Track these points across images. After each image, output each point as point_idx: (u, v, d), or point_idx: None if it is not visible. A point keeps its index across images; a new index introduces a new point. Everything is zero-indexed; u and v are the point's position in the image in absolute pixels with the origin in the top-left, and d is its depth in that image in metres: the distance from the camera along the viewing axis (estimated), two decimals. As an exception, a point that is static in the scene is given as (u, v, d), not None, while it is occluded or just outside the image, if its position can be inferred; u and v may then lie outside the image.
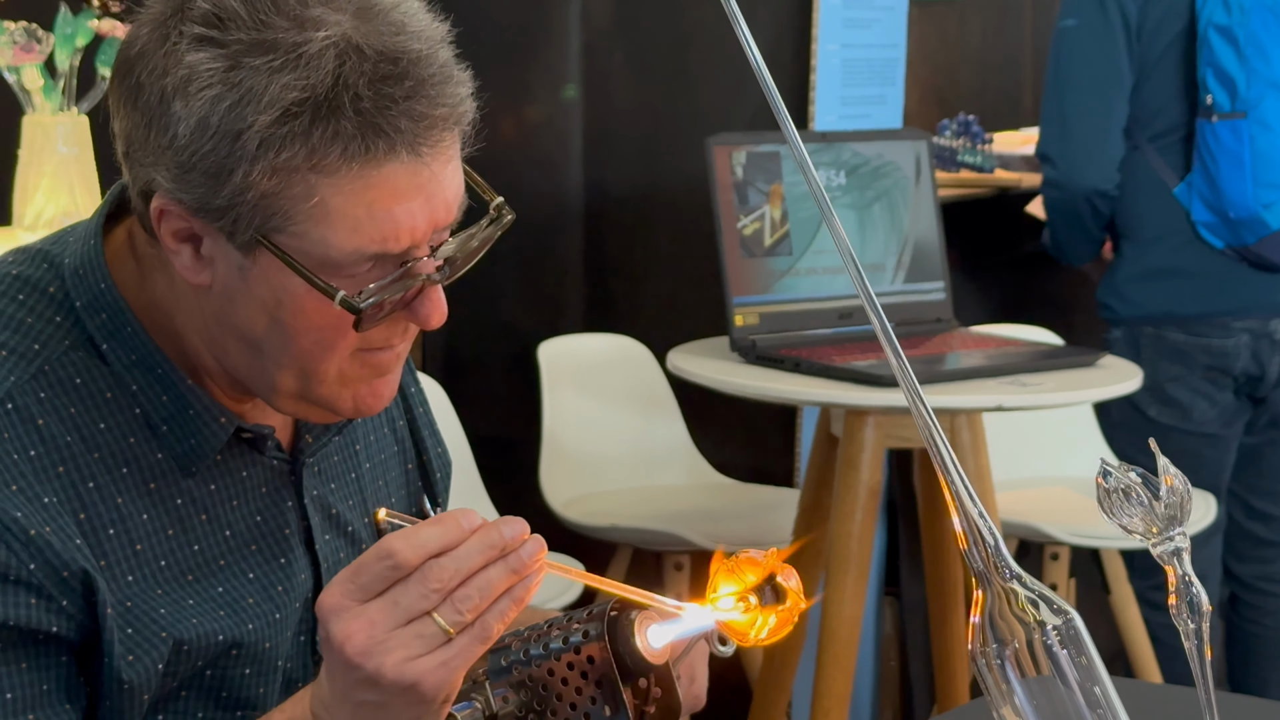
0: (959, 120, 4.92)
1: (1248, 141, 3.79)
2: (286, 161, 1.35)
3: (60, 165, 3.19)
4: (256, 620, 1.50)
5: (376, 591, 1.32)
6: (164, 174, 1.38)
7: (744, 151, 3.45)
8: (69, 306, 1.47)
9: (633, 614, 1.38)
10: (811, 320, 3.48)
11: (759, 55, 1.32)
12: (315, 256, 1.38)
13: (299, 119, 1.34)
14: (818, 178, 1.32)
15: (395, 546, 1.32)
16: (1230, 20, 3.78)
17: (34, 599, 1.39)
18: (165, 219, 1.41)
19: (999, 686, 1.21)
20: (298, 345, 1.42)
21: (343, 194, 1.36)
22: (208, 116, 1.35)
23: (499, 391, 4.15)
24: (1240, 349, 3.95)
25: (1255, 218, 3.82)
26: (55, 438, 1.43)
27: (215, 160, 1.35)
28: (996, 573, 1.21)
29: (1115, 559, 3.91)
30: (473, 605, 1.32)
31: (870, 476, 3.32)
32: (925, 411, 1.25)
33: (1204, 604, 1.26)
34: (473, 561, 1.32)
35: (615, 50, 4.16)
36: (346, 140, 1.35)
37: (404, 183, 1.37)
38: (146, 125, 1.38)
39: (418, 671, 1.31)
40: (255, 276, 1.40)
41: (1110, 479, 1.26)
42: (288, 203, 1.36)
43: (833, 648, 3.33)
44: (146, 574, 1.45)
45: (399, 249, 1.39)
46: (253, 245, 1.38)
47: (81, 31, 3.17)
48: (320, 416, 1.49)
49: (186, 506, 1.48)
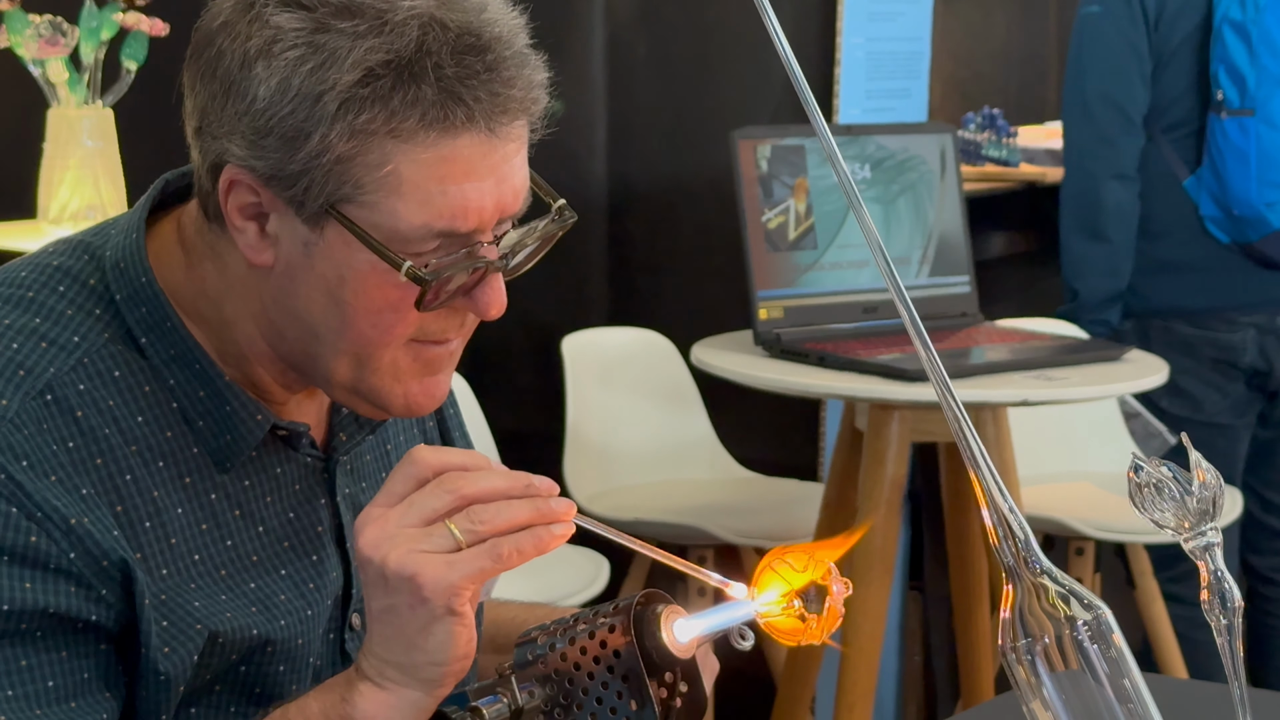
0: (984, 114, 4.92)
1: (1254, 139, 3.79)
2: (365, 124, 1.36)
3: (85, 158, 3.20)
4: (288, 617, 1.50)
5: (400, 496, 1.34)
6: (239, 142, 1.39)
7: (769, 145, 3.45)
8: (109, 299, 1.47)
9: (659, 608, 1.38)
10: (836, 314, 3.47)
11: (788, 47, 1.32)
12: (384, 229, 1.39)
13: (381, 81, 1.36)
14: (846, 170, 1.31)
15: (420, 454, 1.35)
16: (1244, 17, 3.78)
17: (74, 587, 1.40)
18: (234, 192, 1.41)
19: (1029, 682, 1.21)
20: (356, 328, 1.42)
21: (417, 164, 1.37)
22: (289, 78, 1.36)
23: (523, 386, 4.15)
24: (1247, 343, 3.96)
25: (1258, 216, 3.82)
26: (94, 430, 1.43)
27: (294, 123, 1.36)
28: (1027, 568, 1.21)
29: (1140, 554, 3.90)
30: (488, 521, 1.33)
31: (895, 471, 3.32)
32: (955, 405, 1.24)
33: (1236, 599, 1.26)
34: (494, 483, 1.34)
35: (639, 44, 4.16)
36: (426, 106, 1.36)
37: (477, 159, 1.39)
38: (225, 93, 1.39)
39: (419, 563, 1.32)
40: (320, 253, 1.41)
41: (1142, 473, 1.25)
42: (361, 170, 1.37)
43: (857, 642, 3.33)
44: (181, 568, 1.45)
45: (466, 229, 1.40)
46: (321, 218, 1.39)
47: (106, 25, 3.17)
48: (370, 411, 1.50)
49: (221, 502, 1.48)
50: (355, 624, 1.57)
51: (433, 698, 1.37)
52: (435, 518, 1.33)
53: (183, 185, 1.52)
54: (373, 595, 1.35)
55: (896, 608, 4.08)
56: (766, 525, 3.68)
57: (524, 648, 1.39)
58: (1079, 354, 3.48)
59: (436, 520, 1.33)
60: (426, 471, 1.34)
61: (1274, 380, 4.00)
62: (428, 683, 1.36)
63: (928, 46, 4.15)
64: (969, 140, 4.86)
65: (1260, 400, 4.05)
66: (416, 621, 1.34)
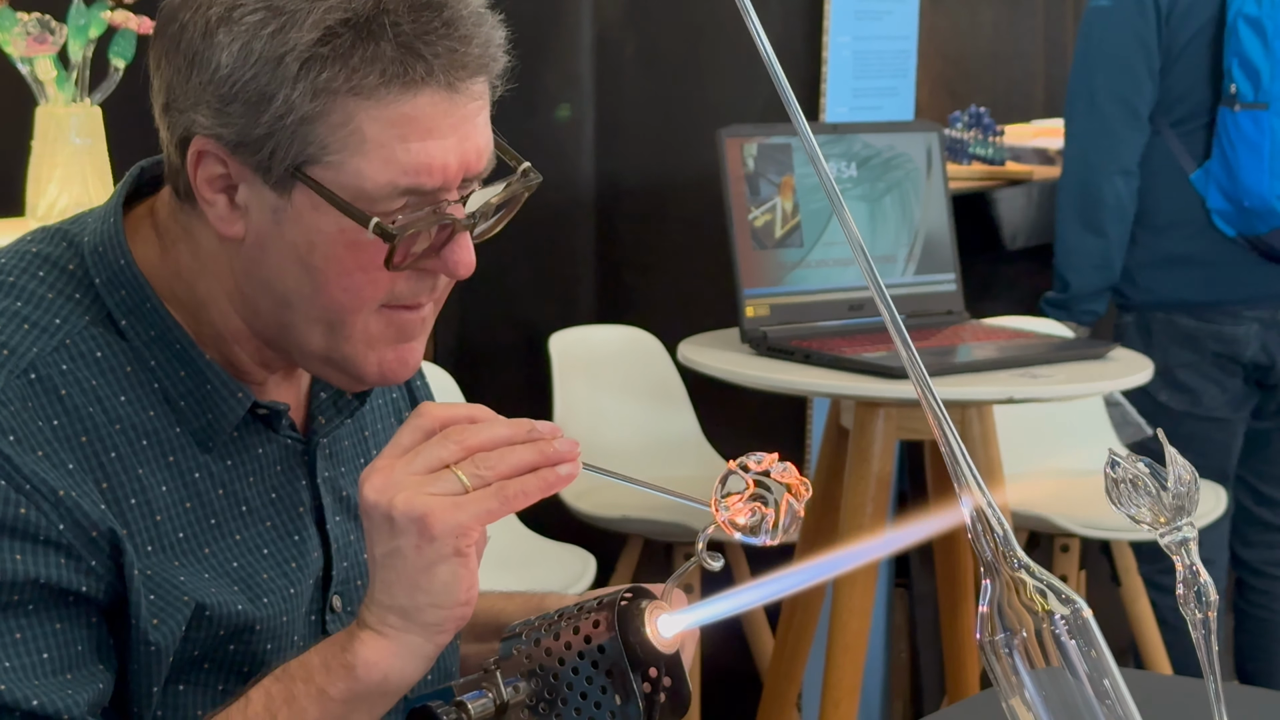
0: (970, 112, 4.93)
1: (1268, 133, 3.80)
2: (327, 83, 1.39)
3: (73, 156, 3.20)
4: (272, 595, 1.52)
5: (407, 448, 1.37)
6: (204, 112, 1.42)
7: (755, 143, 3.46)
8: (88, 283, 1.49)
9: (643, 603, 1.39)
10: (822, 312, 3.48)
11: (769, 46, 1.33)
12: (350, 189, 1.41)
13: (340, 39, 1.38)
14: (828, 169, 1.32)
15: (428, 408, 1.38)
16: (1260, 12, 3.80)
17: (64, 559, 1.41)
18: (203, 164, 1.44)
19: (1008, 677, 1.21)
20: (327, 293, 1.44)
21: (379, 121, 1.40)
22: (250, 42, 1.39)
23: (510, 382, 4.15)
24: (1250, 337, 3.96)
25: (1269, 208, 3.83)
26: (78, 408, 1.45)
27: (257, 87, 1.39)
28: (1005, 562, 1.22)
29: (1125, 550, 3.91)
30: (494, 467, 1.36)
31: (881, 468, 3.33)
32: (934, 401, 1.25)
33: (1211, 594, 1.27)
34: (499, 433, 1.37)
35: (627, 42, 4.16)
36: (386, 63, 1.39)
37: (439, 116, 1.41)
38: (189, 65, 1.42)
39: (427, 504, 1.34)
40: (289, 219, 1.43)
41: (1118, 469, 1.26)
42: (325, 130, 1.40)
43: (843, 639, 3.34)
44: (166, 545, 1.47)
45: (431, 186, 1.42)
46: (288, 182, 1.41)
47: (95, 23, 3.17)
48: (345, 382, 1.52)
49: (204, 481, 1.50)
50: (336, 606, 1.58)
51: (434, 644, 1.39)
52: (441, 466, 1.36)
53: (157, 174, 1.54)
54: (377, 540, 1.37)
55: (882, 604, 4.09)
56: (753, 522, 3.68)
57: (509, 642, 1.40)
58: (1064, 352, 3.49)
59: (443, 468, 1.36)
60: (434, 424, 1.37)
61: (1274, 374, 4.01)
62: (429, 627, 1.38)
63: (915, 45, 4.16)
64: (955, 139, 4.87)
65: (1256, 393, 4.06)
66: (422, 561, 1.36)
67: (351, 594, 1.60)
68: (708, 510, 1.41)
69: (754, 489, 1.40)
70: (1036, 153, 5.03)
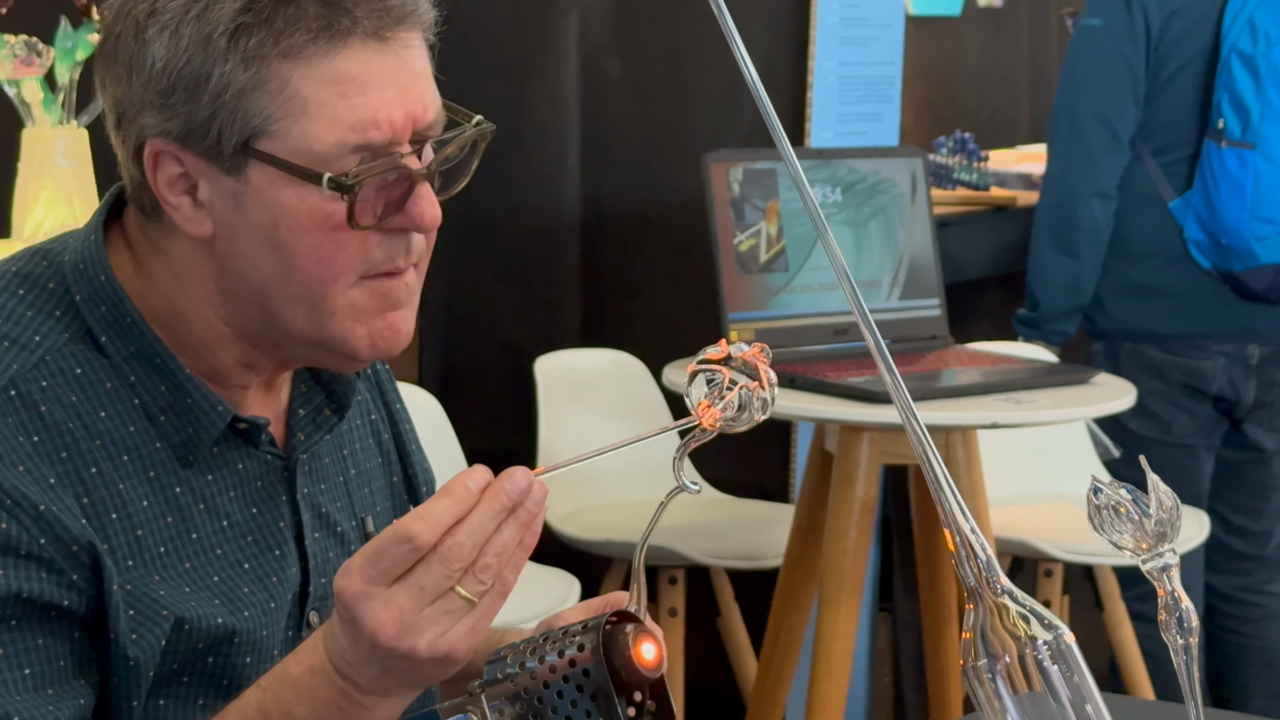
0: (955, 138, 4.94)
1: (1252, 173, 3.80)
2: (256, 49, 1.41)
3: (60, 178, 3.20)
4: (252, 609, 1.53)
5: (398, 574, 1.34)
6: (150, 112, 1.44)
7: (740, 168, 3.47)
8: (68, 301, 1.50)
9: (628, 628, 1.39)
10: (807, 336, 3.49)
11: (754, 71, 1.34)
12: (300, 155, 1.42)
13: (261, 3, 1.41)
14: (813, 194, 1.33)
15: (413, 529, 1.34)
16: (1255, 50, 3.80)
17: (45, 573, 1.42)
18: (160, 167, 1.46)
19: (991, 702, 1.22)
20: (301, 269, 1.45)
21: (314, 80, 1.42)
22: (178, 28, 1.42)
23: (495, 406, 4.16)
24: (1216, 371, 3.98)
25: (1246, 249, 3.84)
26: (58, 424, 1.45)
27: (192, 70, 1.42)
28: (988, 587, 1.22)
29: (1108, 575, 3.92)
30: (490, 567, 1.35)
31: (865, 492, 3.33)
32: (917, 426, 1.26)
33: (1193, 620, 1.27)
34: (487, 530, 1.35)
35: (613, 66, 4.17)
36: (310, 20, 1.41)
37: (374, 69, 1.43)
38: (129, 72, 1.45)
39: (450, 643, 1.35)
40: (250, 200, 1.44)
41: (1101, 495, 1.27)
42: (264, 98, 1.42)
43: (827, 663, 3.34)
44: (147, 559, 1.47)
45: (381, 139, 1.43)
46: (240, 161, 1.43)
47: (82, 45, 3.18)
48: (339, 363, 1.52)
49: (185, 495, 1.51)
50: (314, 621, 1.59)
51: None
52: (446, 591, 1.35)
53: None
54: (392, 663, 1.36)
55: (866, 628, 4.10)
56: (737, 546, 3.69)
57: (494, 665, 1.40)
58: (1048, 377, 3.50)
59: (447, 593, 1.35)
60: (425, 548, 1.34)
61: (1240, 408, 4.03)
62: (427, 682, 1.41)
63: (900, 71, 4.17)
64: (940, 164, 4.88)
65: (1225, 422, 4.08)
66: (441, 674, 1.39)
67: (328, 610, 1.59)
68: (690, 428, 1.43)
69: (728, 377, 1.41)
70: (1021, 178, 5.04)
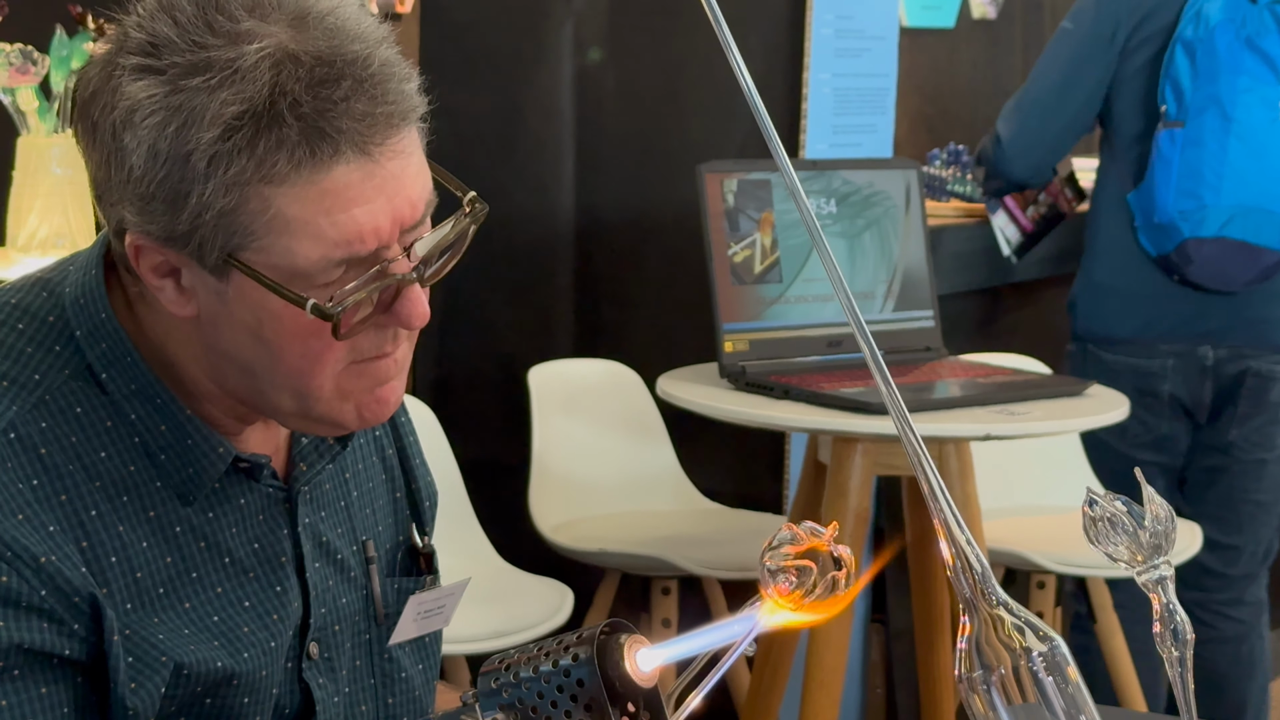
0: (949, 150, 4.94)
1: (1179, 149, 3.86)
2: (237, 176, 1.36)
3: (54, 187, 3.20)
4: (252, 649, 1.51)
5: None
6: (129, 209, 1.40)
7: (735, 179, 3.47)
8: (69, 335, 1.48)
9: (622, 637, 1.39)
10: (801, 347, 3.49)
11: (751, 81, 1.33)
12: (285, 269, 1.39)
13: (242, 131, 1.35)
14: (809, 205, 1.33)
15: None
16: (1195, 35, 3.85)
17: (46, 624, 1.40)
18: (142, 255, 1.42)
19: (985, 713, 1.22)
20: (286, 363, 1.43)
21: (298, 202, 1.37)
22: (155, 143, 1.37)
23: (489, 416, 4.16)
24: (1166, 372, 3.98)
25: (1172, 223, 3.87)
26: (57, 467, 1.44)
27: (170, 186, 1.37)
28: (983, 599, 1.22)
29: (1101, 587, 3.92)
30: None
31: (858, 503, 3.33)
32: (913, 438, 1.26)
33: (1188, 632, 1.27)
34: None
35: (607, 77, 4.17)
36: (291, 147, 1.36)
37: (357, 184, 1.38)
38: (107, 162, 1.41)
39: None
40: (233, 298, 1.41)
41: (1096, 507, 1.27)
42: (246, 218, 1.37)
43: (819, 674, 3.34)
44: (146, 601, 1.46)
45: (366, 251, 1.39)
46: (224, 267, 1.39)
47: (77, 54, 3.18)
48: (329, 432, 1.51)
49: (185, 535, 1.49)
50: (313, 653, 1.57)
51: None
52: None
53: None
54: None
55: (859, 640, 4.09)
56: (730, 557, 3.69)
57: (488, 675, 1.40)
58: (1042, 389, 3.51)
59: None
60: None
61: (1200, 412, 4.03)
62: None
63: (894, 83, 4.18)
64: (934, 176, 4.89)
65: (1186, 435, 4.06)
66: None
67: (328, 640, 1.59)
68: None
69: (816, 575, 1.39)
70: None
